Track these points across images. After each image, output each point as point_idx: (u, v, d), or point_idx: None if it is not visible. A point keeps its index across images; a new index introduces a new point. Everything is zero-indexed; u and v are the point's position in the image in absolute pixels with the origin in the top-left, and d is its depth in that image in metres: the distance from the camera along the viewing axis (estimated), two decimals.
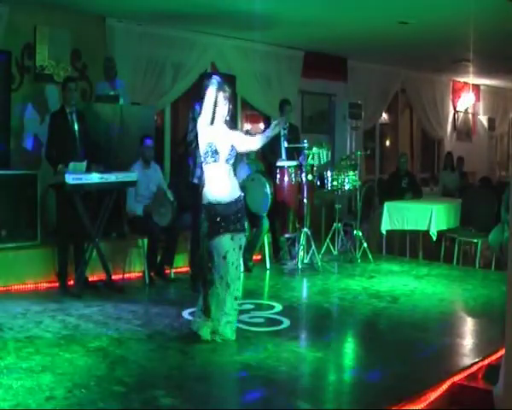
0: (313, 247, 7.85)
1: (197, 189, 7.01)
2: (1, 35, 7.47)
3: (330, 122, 11.77)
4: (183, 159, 7.31)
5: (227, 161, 4.98)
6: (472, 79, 14.10)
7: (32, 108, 7.89)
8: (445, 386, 4.22)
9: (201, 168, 6.89)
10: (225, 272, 4.92)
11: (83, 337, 5.05)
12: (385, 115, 13.40)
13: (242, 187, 7.48)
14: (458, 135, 14.91)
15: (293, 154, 8.32)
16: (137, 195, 7.21)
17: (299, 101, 11.04)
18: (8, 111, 7.59)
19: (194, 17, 8.33)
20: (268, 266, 7.99)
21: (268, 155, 8.31)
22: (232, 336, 5.01)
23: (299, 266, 7.78)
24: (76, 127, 6.74)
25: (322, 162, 8.04)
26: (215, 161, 4.94)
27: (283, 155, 8.36)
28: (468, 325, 6.07)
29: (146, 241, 7.11)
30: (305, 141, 7.98)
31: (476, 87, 15.20)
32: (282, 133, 8.50)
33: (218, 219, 4.91)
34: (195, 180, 6.88)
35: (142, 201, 7.25)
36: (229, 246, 4.92)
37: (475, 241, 8.45)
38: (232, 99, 5.19)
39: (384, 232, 8.85)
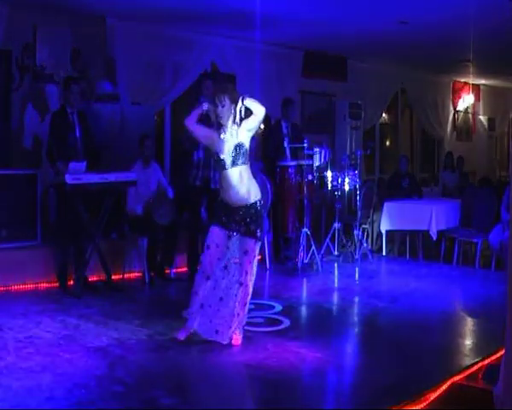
0: (313, 247, 7.85)
1: (196, 189, 7.06)
2: (1, 35, 7.47)
3: (330, 122, 11.76)
4: (183, 159, 7.32)
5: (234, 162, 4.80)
6: (472, 79, 14.09)
7: (31, 108, 7.87)
8: (445, 386, 4.21)
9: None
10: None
11: (83, 337, 5.05)
12: (385, 115, 13.38)
13: None
14: (458, 135, 14.89)
15: (294, 153, 8.31)
16: (138, 194, 7.21)
17: (299, 101, 11.02)
18: (9, 111, 7.58)
19: (194, 17, 8.32)
20: (268, 266, 7.99)
21: (271, 154, 8.30)
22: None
23: (299, 266, 7.78)
24: (77, 127, 6.74)
25: (321, 162, 8.04)
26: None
27: (287, 155, 8.34)
28: (468, 325, 6.06)
29: (146, 241, 7.12)
30: (305, 141, 7.98)
31: (476, 87, 15.18)
32: (285, 132, 8.53)
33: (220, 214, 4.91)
34: (198, 182, 6.94)
35: (143, 200, 7.24)
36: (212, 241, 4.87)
37: (475, 241, 8.45)
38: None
39: (384, 232, 8.85)
